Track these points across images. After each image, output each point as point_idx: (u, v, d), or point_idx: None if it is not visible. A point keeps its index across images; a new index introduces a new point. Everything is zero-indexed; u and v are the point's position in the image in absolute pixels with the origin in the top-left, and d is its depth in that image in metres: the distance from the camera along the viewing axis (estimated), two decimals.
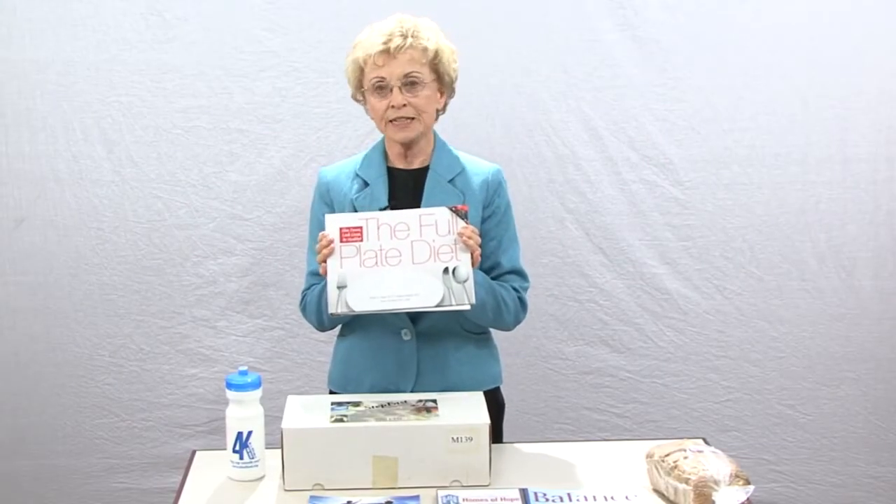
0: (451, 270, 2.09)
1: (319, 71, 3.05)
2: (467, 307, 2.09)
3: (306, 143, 3.09)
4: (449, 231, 2.12)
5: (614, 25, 3.06)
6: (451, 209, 2.13)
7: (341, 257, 2.11)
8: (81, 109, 3.04)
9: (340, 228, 2.13)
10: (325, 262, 2.12)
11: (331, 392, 2.37)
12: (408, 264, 2.10)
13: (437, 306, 2.08)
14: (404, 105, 2.16)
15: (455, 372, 2.26)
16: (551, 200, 3.12)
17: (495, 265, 2.27)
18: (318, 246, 2.14)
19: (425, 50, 2.16)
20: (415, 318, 2.23)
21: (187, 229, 3.11)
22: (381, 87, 2.17)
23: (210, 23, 3.02)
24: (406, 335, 2.25)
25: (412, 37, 2.16)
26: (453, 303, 2.08)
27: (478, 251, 2.13)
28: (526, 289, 2.30)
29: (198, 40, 3.02)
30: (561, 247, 3.15)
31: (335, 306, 2.09)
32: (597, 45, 3.07)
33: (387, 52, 2.15)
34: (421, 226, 2.12)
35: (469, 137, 2.94)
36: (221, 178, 3.10)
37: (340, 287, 2.09)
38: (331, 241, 2.12)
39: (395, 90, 2.16)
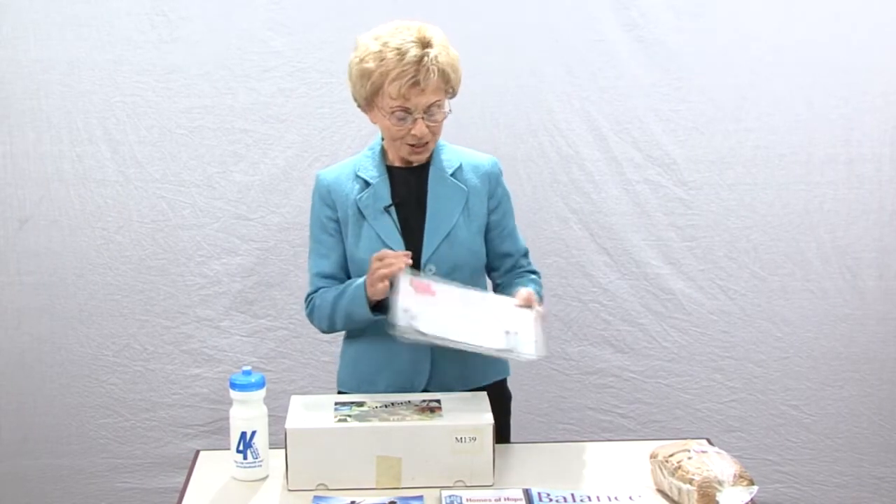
0: (515, 331, 2.09)
1: (323, 71, 3.05)
2: (534, 357, 2.08)
3: (310, 144, 3.09)
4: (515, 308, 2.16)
5: (619, 26, 3.06)
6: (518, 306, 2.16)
7: (413, 299, 2.07)
8: (86, 109, 3.05)
9: (412, 280, 2.11)
10: (382, 281, 2.08)
11: (340, 394, 2.36)
12: (473, 318, 2.10)
13: (501, 350, 2.07)
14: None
15: (469, 363, 2.26)
16: (555, 201, 3.12)
17: (511, 252, 2.33)
18: (383, 262, 2.09)
19: (445, 75, 2.14)
20: None
21: (191, 229, 3.12)
22: (403, 117, 2.15)
23: (214, 23, 3.02)
24: None
25: (433, 64, 2.10)
26: (521, 351, 2.06)
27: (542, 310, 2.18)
28: (534, 266, 2.41)
29: (202, 40, 3.03)
30: (565, 247, 3.15)
31: (400, 319, 2.02)
32: (601, 45, 3.07)
33: (416, 85, 2.10)
34: (489, 299, 2.18)
35: (473, 137, 2.94)
36: (226, 179, 3.10)
37: (406, 311, 2.04)
38: (394, 262, 2.08)
39: (420, 122, 2.14)
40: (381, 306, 2.16)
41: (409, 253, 2.12)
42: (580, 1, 3.04)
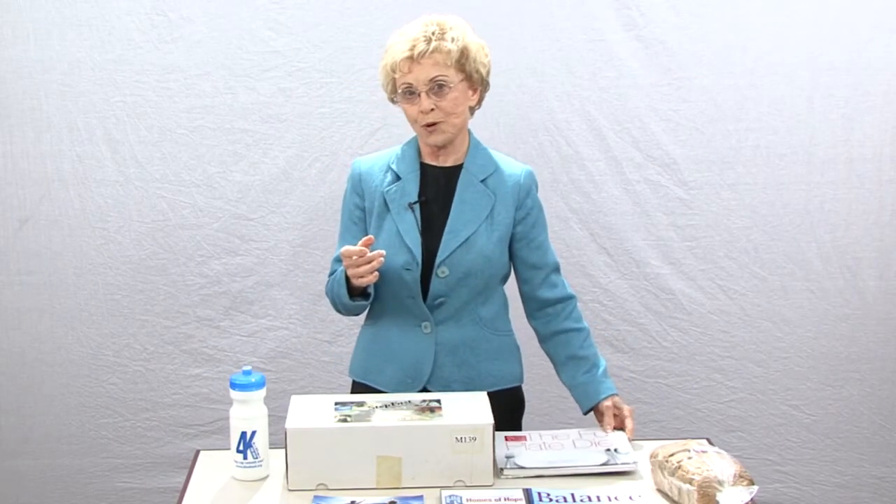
0: (613, 449, 2.15)
1: (324, 71, 3.05)
2: (634, 468, 2.10)
3: (310, 143, 3.09)
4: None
5: (619, 25, 3.06)
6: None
7: (507, 447, 2.16)
8: (86, 109, 3.05)
9: (506, 436, 2.20)
10: (362, 277, 2.14)
11: (353, 381, 2.40)
12: (570, 448, 2.17)
13: (601, 466, 2.10)
14: (432, 109, 2.18)
15: (472, 367, 2.30)
16: (555, 200, 3.12)
17: (539, 265, 2.34)
18: (352, 261, 2.13)
19: (449, 52, 2.17)
20: (433, 310, 2.26)
21: (191, 229, 3.12)
22: (410, 93, 2.19)
23: (215, 23, 3.02)
24: (426, 328, 2.27)
25: (436, 40, 2.16)
26: (618, 462, 2.10)
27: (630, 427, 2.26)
28: (568, 287, 2.42)
29: (202, 40, 3.03)
30: (565, 247, 3.14)
31: (503, 463, 2.09)
32: (602, 44, 3.07)
33: (411, 59, 2.16)
34: (580, 432, 2.26)
35: None
36: (226, 178, 3.10)
37: (508, 457, 2.12)
38: (369, 259, 2.11)
39: (423, 96, 2.18)
40: (364, 292, 2.24)
41: (382, 252, 2.13)
42: (580, 1, 3.04)
